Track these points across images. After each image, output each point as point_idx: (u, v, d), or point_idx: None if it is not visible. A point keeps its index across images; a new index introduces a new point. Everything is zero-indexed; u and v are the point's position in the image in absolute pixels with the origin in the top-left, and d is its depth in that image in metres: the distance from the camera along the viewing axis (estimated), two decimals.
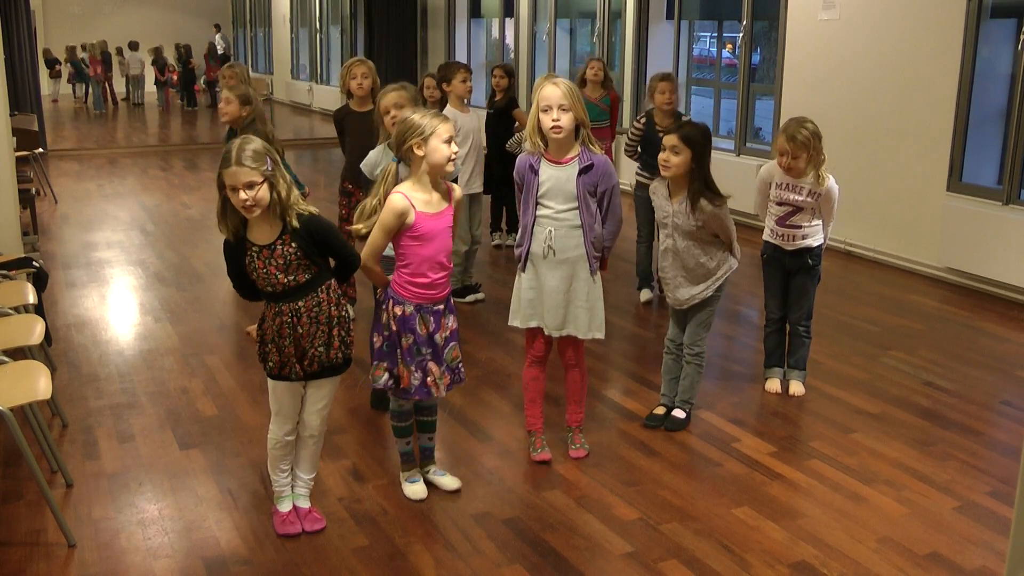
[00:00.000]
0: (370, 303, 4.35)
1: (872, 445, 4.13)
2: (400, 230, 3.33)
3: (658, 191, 4.19)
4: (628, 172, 9.69)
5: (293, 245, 3.12)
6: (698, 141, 3.96)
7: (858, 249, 7.58)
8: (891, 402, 4.62)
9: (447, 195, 3.44)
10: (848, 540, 3.35)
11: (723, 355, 5.26)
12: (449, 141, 3.33)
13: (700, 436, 4.21)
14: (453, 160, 3.36)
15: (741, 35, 8.85)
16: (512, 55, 13.06)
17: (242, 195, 3.01)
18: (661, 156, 4.02)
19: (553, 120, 3.61)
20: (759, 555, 3.25)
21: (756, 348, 5.26)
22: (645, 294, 6.28)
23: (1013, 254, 6.24)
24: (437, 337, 3.44)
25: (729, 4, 9.53)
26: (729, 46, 10.72)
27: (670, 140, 3.98)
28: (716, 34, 11.05)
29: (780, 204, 4.48)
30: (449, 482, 3.69)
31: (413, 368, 3.41)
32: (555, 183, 3.70)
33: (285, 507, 3.38)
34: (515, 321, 3.87)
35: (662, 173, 4.08)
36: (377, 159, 4.30)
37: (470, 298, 6.18)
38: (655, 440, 4.16)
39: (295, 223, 3.10)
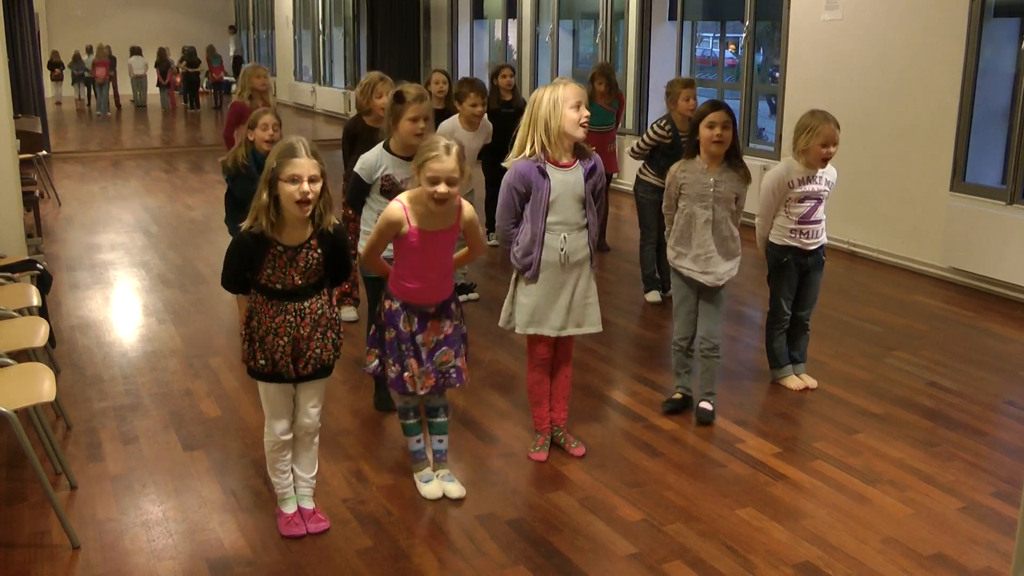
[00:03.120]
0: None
1: (876, 446, 4.13)
2: (395, 237, 3.40)
3: (690, 169, 4.20)
4: (628, 173, 9.71)
5: (319, 251, 3.13)
6: (733, 116, 4.24)
7: (861, 249, 7.57)
8: (895, 402, 4.61)
9: (456, 210, 3.42)
10: (852, 541, 3.35)
11: (726, 355, 5.24)
12: (436, 182, 3.25)
13: (704, 437, 4.21)
14: (437, 199, 3.27)
15: (744, 35, 8.84)
16: (515, 56, 13.05)
17: (306, 187, 3.01)
18: (715, 133, 4.09)
19: (585, 117, 3.63)
20: (763, 556, 3.25)
21: (759, 348, 5.25)
22: (653, 295, 6.27)
23: (1017, 254, 6.23)
24: (419, 338, 3.44)
25: (731, 5, 9.52)
26: (732, 47, 10.72)
27: (720, 117, 4.11)
28: (719, 34, 11.05)
29: (803, 200, 4.49)
30: (454, 489, 3.63)
31: (391, 361, 3.47)
32: (565, 188, 3.66)
33: (289, 508, 3.38)
34: (512, 326, 3.85)
35: (714, 151, 4.13)
36: (376, 161, 4.12)
37: (463, 298, 6.16)
38: (659, 441, 4.16)
39: (331, 229, 3.13)
